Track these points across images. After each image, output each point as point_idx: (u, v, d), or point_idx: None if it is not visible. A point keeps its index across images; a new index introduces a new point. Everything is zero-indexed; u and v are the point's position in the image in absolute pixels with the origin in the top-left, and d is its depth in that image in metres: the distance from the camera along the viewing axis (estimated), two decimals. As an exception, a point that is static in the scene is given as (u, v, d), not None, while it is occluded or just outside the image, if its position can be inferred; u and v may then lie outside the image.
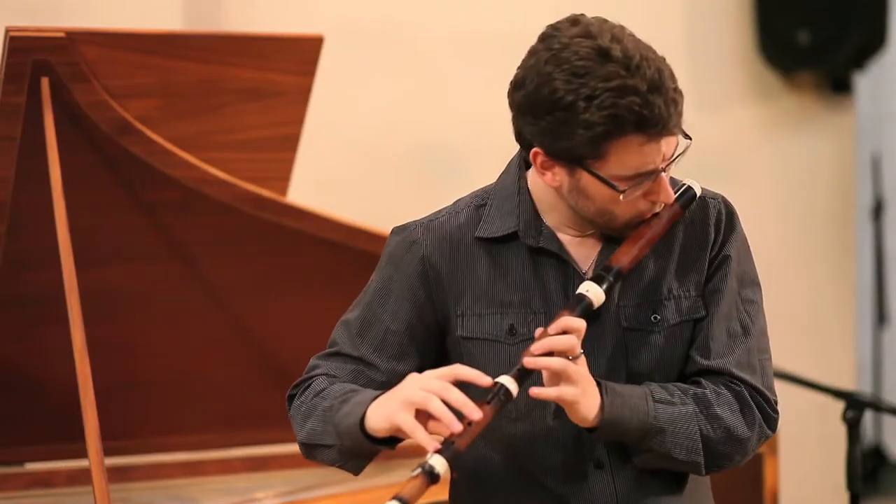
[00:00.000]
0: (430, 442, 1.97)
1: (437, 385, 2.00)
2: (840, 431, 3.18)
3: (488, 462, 2.17)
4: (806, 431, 5.02)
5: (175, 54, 3.09)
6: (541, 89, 2.02)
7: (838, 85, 5.24)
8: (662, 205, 2.11)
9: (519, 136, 2.11)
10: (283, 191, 3.35)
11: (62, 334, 2.79)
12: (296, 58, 3.24)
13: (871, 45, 5.07)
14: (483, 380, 2.01)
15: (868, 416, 5.70)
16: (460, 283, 2.15)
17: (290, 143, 3.34)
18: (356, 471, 2.17)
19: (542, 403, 2.12)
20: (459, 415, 1.98)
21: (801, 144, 5.24)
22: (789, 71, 5.15)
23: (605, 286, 2.07)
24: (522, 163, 2.18)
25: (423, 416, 2.00)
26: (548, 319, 2.09)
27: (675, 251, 2.16)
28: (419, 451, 2.04)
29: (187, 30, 4.17)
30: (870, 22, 5.04)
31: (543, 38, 2.05)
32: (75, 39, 2.90)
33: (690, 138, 2.08)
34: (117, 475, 3.24)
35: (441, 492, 2.89)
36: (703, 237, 2.17)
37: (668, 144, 2.04)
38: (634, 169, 2.03)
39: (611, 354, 2.13)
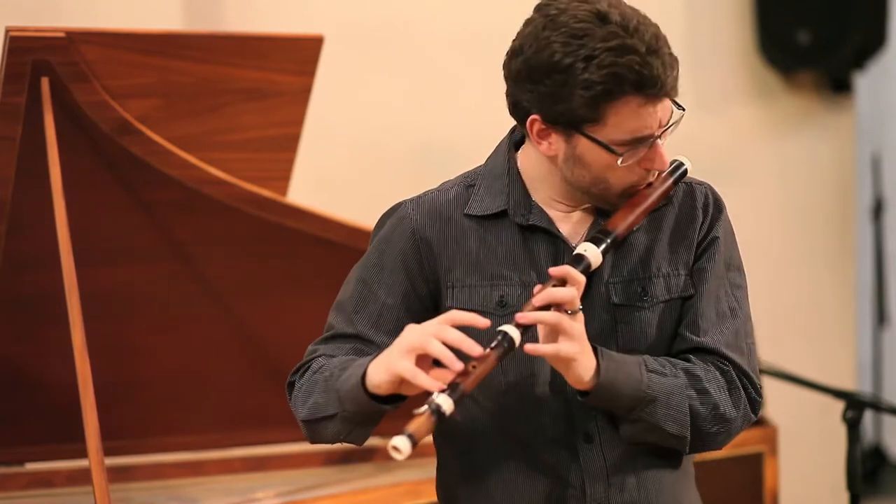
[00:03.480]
0: (434, 384, 1.95)
1: (434, 328, 1.99)
2: (840, 431, 3.18)
3: (476, 437, 2.16)
4: (806, 431, 5.01)
5: (175, 54, 3.09)
6: (539, 54, 2.03)
7: (838, 85, 5.24)
8: (656, 175, 2.12)
9: (514, 107, 2.12)
10: (283, 191, 3.35)
11: (62, 334, 2.79)
12: (296, 58, 3.24)
13: (871, 45, 5.07)
14: (479, 321, 2.00)
15: (868, 416, 5.70)
16: (451, 255, 2.16)
17: (290, 143, 3.34)
18: (360, 440, 2.14)
19: (530, 374, 2.12)
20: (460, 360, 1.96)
21: (801, 144, 5.24)
22: (789, 71, 5.15)
23: (601, 248, 2.08)
24: (512, 144, 2.20)
25: (425, 366, 1.99)
26: None
27: (663, 233, 2.17)
28: (419, 451, 2.02)
29: (187, 30, 4.17)
30: (870, 22, 5.04)
31: (540, 7, 2.07)
32: (75, 39, 2.90)
33: (684, 109, 2.10)
34: (117, 475, 3.24)
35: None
36: (690, 220, 2.18)
37: (663, 110, 2.07)
38: (631, 133, 2.05)
39: (601, 332, 2.13)
